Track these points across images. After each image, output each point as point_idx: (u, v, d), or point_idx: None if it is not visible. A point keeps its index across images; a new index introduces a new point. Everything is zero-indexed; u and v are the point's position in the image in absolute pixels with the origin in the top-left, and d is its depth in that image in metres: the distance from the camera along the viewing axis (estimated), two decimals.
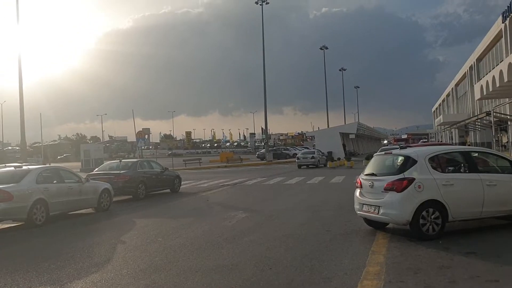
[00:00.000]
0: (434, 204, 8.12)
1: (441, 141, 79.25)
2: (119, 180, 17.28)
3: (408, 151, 8.94)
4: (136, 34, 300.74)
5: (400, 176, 8.32)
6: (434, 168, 8.42)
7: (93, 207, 14.50)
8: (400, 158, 8.82)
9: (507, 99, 33.22)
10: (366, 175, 9.22)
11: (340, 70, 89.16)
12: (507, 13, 33.05)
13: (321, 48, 74.61)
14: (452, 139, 69.49)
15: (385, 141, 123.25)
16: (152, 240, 9.45)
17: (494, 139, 38.93)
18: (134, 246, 8.99)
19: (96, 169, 19.77)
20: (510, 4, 32.18)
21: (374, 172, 9.10)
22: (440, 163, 8.67)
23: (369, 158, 37.37)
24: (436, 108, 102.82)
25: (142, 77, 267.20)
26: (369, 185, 8.86)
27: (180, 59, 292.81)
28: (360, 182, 9.25)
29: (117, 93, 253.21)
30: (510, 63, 19.72)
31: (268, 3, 53.26)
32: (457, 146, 10.72)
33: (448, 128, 67.01)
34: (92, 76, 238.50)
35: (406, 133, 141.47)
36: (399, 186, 8.19)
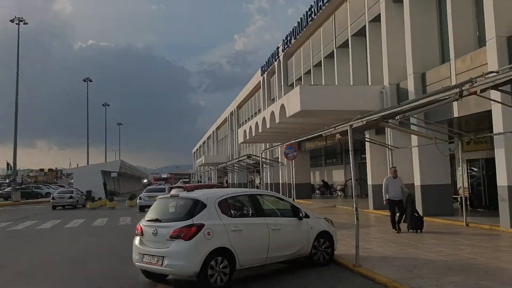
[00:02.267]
0: (223, 252, 7.42)
1: (200, 181, 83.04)
2: None
3: (196, 194, 8.10)
4: None
5: (189, 222, 7.39)
6: (223, 212, 7.77)
7: None
8: (188, 202, 7.90)
9: (263, 144, 36.72)
10: (149, 220, 7.98)
11: (103, 105, 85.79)
12: (266, 68, 37.10)
13: (84, 80, 70.52)
14: (210, 179, 73.51)
15: (145, 180, 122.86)
16: None
17: (249, 179, 42.07)
18: None
19: None
20: (268, 60, 36.23)
21: (159, 218, 7.93)
22: (229, 206, 8.08)
23: (132, 198, 35.94)
24: (197, 149, 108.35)
25: None
26: (152, 233, 7.63)
27: None
28: (141, 229, 7.94)
29: None
30: (272, 111, 21.54)
31: (26, 23, 47.65)
32: (245, 189, 10.65)
33: (208, 170, 70.71)
34: None
35: (168, 173, 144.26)
36: (187, 234, 7.23)
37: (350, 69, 22.19)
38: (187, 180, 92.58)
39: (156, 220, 7.88)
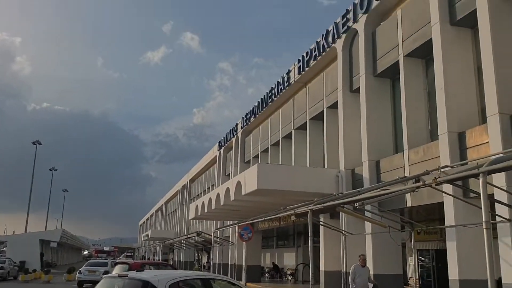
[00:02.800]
0: None
1: (145, 257, 79.51)
2: None
3: (146, 276, 7.50)
4: None
5: None
6: None
7: None
8: (137, 284, 7.29)
9: (213, 222, 35.88)
10: None
11: (50, 169, 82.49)
12: (223, 143, 37.24)
13: (33, 143, 68.09)
14: (155, 255, 70.44)
15: (86, 252, 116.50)
16: None
17: (196, 258, 40.34)
18: None
19: None
20: (226, 136, 36.48)
21: None
22: None
23: (71, 271, 33.48)
24: (144, 222, 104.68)
25: None
26: None
27: None
28: None
29: None
30: (228, 188, 21.25)
31: None
32: (197, 272, 10.06)
33: (153, 245, 67.89)
34: None
35: (111, 245, 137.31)
36: None
37: (307, 151, 22.55)
38: (131, 254, 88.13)
39: None
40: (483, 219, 5.72)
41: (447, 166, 9.26)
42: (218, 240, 32.19)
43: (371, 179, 16.69)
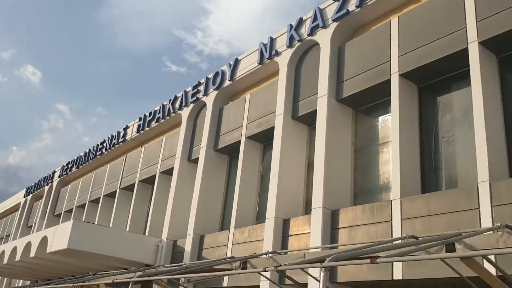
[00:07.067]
0: None
1: None
2: None
3: None
4: None
5: None
6: None
7: None
8: None
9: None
10: None
11: None
12: (33, 190, 33.17)
13: None
14: None
15: None
16: None
17: None
18: None
19: None
20: (38, 182, 32.69)
21: None
22: None
23: None
24: None
25: None
26: None
27: None
28: None
29: None
30: (29, 242, 18.41)
31: None
32: None
33: None
34: None
35: None
36: None
37: (129, 215, 21.20)
38: None
39: None
40: None
41: (275, 252, 9.37)
42: None
43: (192, 253, 16.18)
